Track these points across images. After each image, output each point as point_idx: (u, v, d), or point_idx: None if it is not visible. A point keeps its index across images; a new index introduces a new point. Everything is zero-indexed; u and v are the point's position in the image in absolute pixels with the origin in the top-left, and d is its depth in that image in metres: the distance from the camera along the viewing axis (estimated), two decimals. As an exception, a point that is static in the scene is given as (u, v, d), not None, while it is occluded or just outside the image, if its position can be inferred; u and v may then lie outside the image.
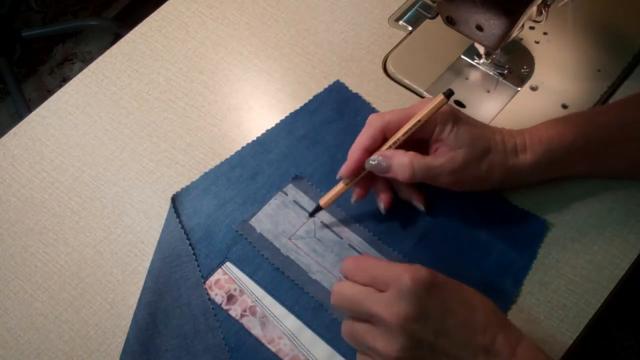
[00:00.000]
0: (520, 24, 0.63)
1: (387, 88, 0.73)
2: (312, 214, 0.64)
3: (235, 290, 0.62)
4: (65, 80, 1.82)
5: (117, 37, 1.77)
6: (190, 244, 0.64)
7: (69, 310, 0.63)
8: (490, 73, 0.73)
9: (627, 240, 0.61)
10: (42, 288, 0.65)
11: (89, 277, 0.65)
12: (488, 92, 0.72)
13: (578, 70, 0.72)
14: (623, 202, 0.63)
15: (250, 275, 0.63)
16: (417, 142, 0.62)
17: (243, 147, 0.70)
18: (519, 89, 0.71)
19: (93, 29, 1.90)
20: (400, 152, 0.60)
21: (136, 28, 0.80)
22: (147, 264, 0.65)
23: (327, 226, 0.64)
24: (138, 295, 0.63)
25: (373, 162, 0.61)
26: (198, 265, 0.63)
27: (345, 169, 0.62)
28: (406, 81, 0.73)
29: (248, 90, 0.74)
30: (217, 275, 0.63)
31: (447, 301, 0.51)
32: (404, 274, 0.51)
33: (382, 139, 0.62)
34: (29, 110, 1.18)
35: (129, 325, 0.62)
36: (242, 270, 0.63)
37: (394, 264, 0.54)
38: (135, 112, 0.74)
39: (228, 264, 0.63)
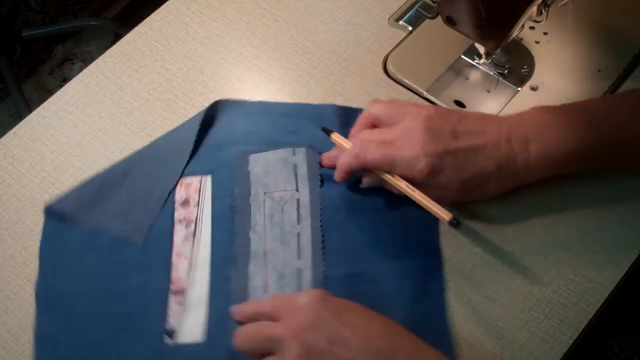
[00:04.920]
0: (520, 24, 0.63)
1: (387, 88, 0.73)
2: (324, 130, 0.65)
3: (194, 200, 0.64)
4: (65, 80, 1.82)
5: (117, 37, 1.77)
6: (197, 143, 0.68)
7: (69, 310, 0.63)
8: (490, 73, 0.73)
9: (627, 240, 0.61)
10: (42, 288, 0.65)
11: (89, 277, 0.65)
12: (488, 92, 0.72)
13: (578, 70, 0.72)
14: (623, 202, 0.63)
15: (212, 199, 0.64)
16: None
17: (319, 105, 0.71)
18: (519, 89, 0.71)
19: (93, 29, 1.90)
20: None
21: (136, 28, 0.80)
22: (147, 264, 0.65)
23: (299, 204, 0.63)
24: (138, 295, 0.63)
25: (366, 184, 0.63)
26: (189, 161, 0.67)
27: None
28: (406, 81, 0.73)
29: (248, 90, 0.74)
30: (193, 179, 0.66)
31: (342, 312, 0.52)
32: (296, 297, 0.53)
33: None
34: (29, 110, 1.18)
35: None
36: (212, 191, 0.65)
37: (284, 295, 0.56)
38: (135, 112, 0.74)
39: (208, 177, 0.65)
